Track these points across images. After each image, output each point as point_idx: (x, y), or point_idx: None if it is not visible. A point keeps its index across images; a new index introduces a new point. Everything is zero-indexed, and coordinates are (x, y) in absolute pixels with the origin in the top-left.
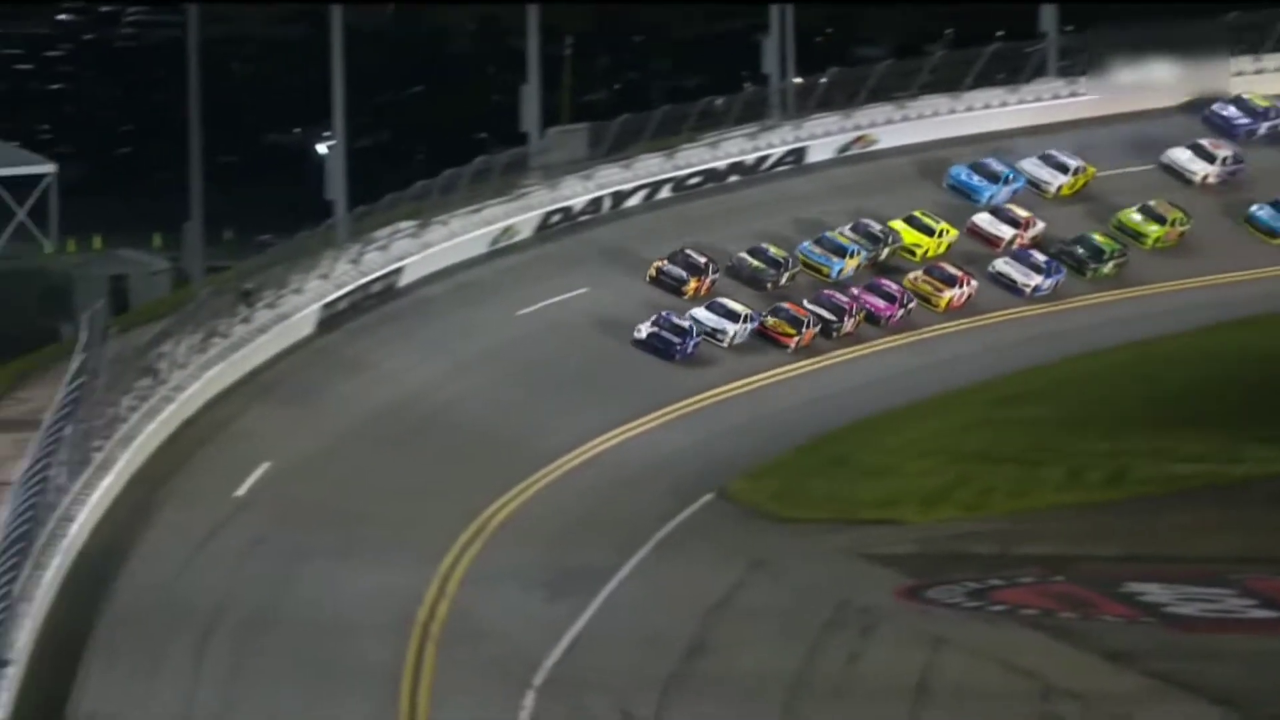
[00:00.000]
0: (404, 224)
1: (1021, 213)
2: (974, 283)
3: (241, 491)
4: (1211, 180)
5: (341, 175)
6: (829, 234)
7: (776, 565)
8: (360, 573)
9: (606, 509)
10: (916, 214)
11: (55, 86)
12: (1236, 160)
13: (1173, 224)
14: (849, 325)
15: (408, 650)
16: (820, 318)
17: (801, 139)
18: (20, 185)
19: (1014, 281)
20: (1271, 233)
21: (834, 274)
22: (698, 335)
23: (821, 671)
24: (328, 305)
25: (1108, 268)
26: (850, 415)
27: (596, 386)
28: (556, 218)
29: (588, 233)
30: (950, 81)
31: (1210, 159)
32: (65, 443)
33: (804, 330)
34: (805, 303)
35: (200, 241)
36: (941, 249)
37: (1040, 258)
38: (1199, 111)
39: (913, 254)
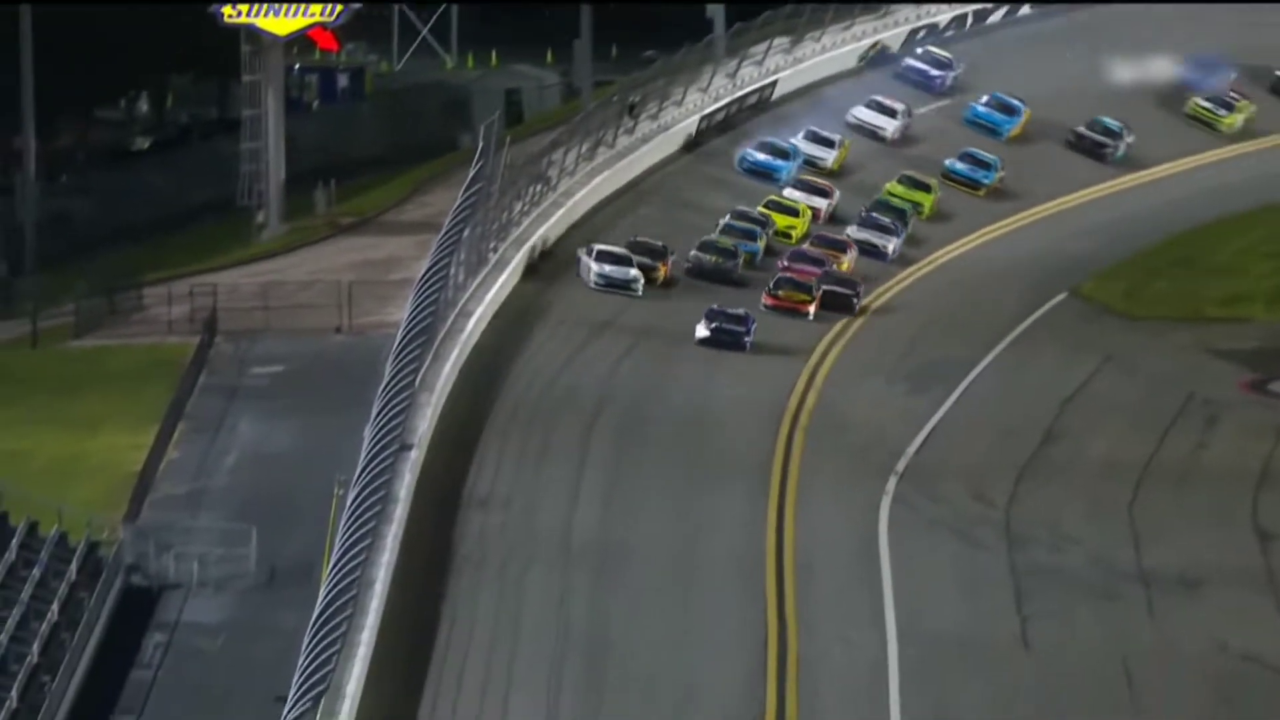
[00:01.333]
0: (778, 39)
1: (822, 183)
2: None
3: None
4: (896, 136)
5: None
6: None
7: (1126, 360)
8: (731, 371)
9: (965, 308)
10: (774, 198)
11: None
12: (908, 114)
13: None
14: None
15: (777, 439)
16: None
17: None
18: (423, 4)
19: (875, 246)
20: (973, 184)
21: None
22: (753, 322)
23: (1168, 458)
24: (705, 117)
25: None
26: (1194, 221)
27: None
28: (922, 34)
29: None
30: None
31: (892, 114)
32: (463, 244)
33: (815, 294)
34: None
35: (589, 57)
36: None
37: (885, 220)
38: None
39: (788, 236)
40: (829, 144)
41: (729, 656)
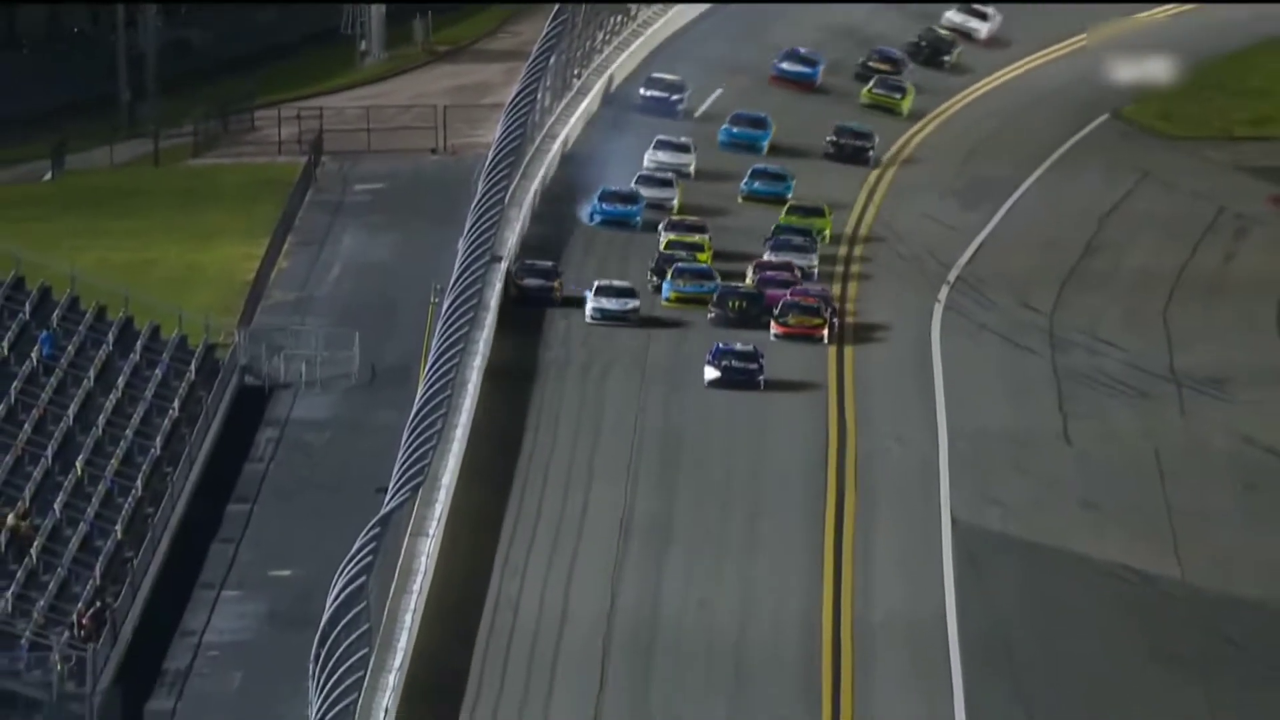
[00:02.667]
0: None
1: (692, 219)
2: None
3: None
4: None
5: None
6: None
7: (1162, 177)
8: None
9: (1012, 129)
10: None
11: None
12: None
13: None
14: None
15: (837, 252)
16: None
17: None
18: None
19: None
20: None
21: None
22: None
23: (1199, 268)
24: None
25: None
26: (1230, 46)
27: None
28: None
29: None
30: None
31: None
32: (549, 71)
33: (825, 315)
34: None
35: None
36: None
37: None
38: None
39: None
40: (668, 184)
41: (793, 452)
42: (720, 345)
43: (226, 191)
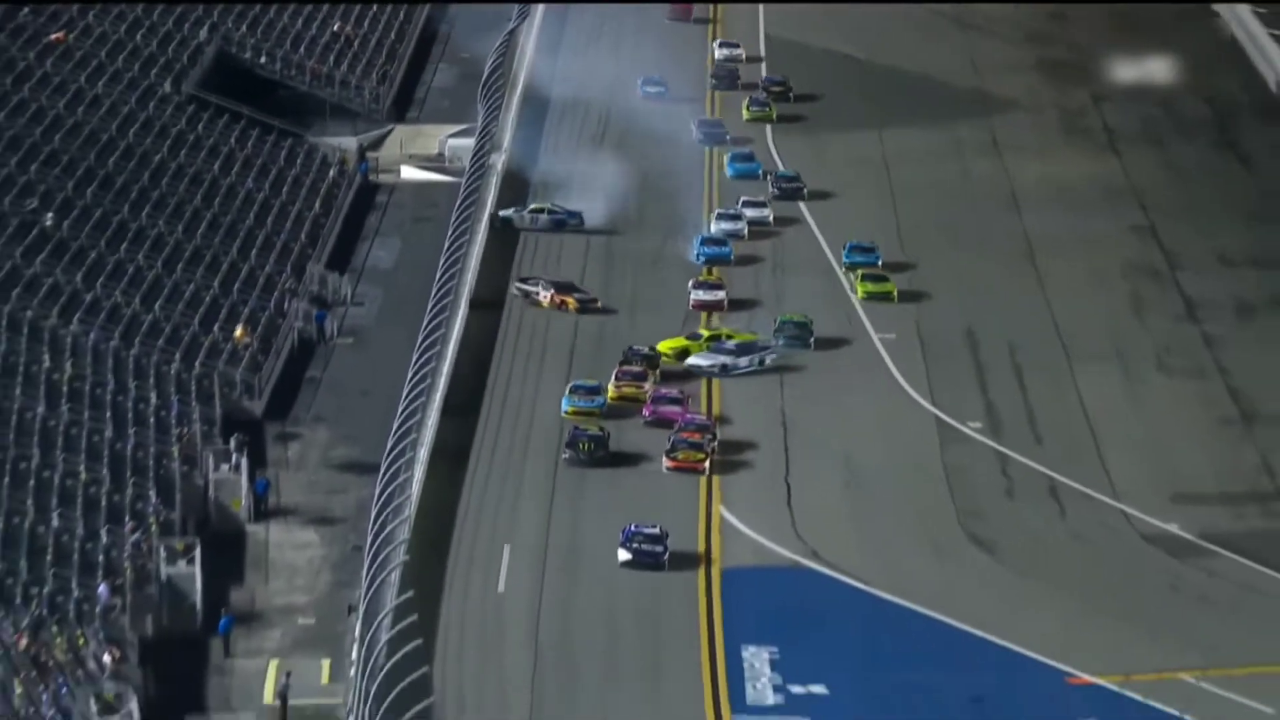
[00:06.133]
0: None
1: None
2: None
3: None
4: None
5: None
6: None
7: None
8: None
9: None
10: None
11: None
12: None
13: None
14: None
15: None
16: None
17: None
18: None
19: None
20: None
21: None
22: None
23: None
24: None
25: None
26: None
27: None
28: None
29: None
30: None
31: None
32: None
33: (708, 451)
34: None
35: None
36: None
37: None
38: None
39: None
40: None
41: None
42: (631, 527)
43: None
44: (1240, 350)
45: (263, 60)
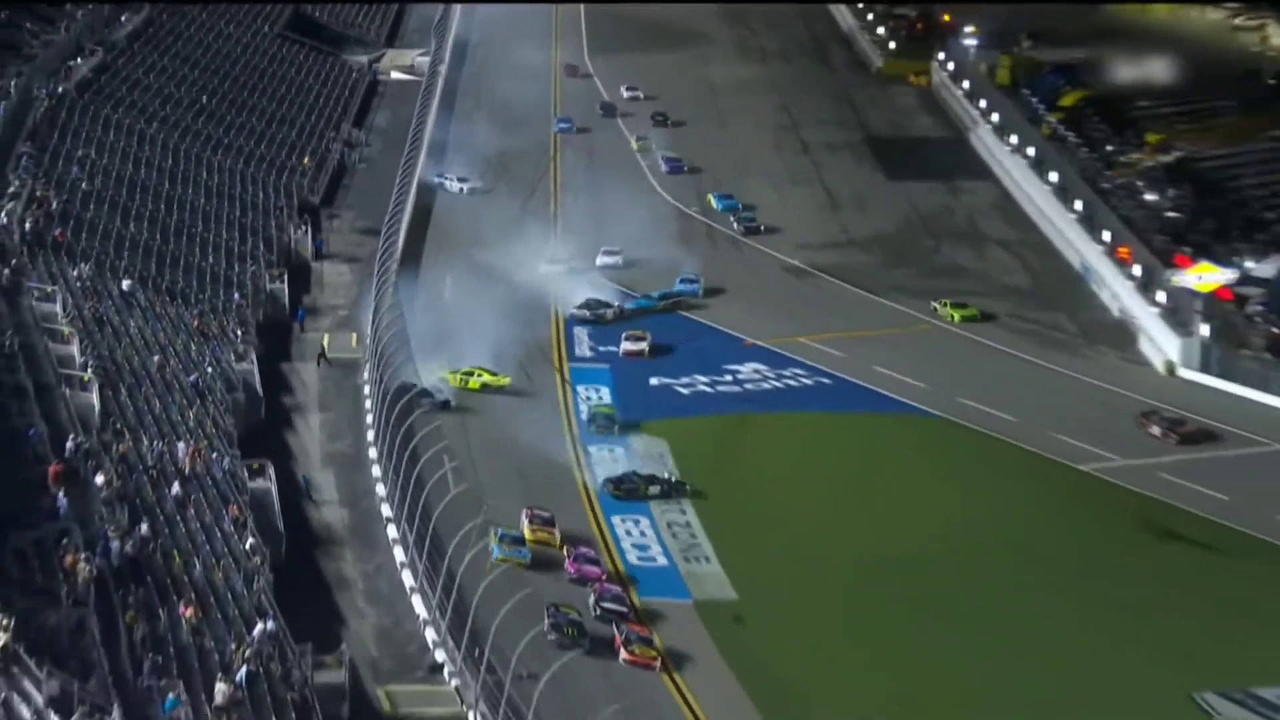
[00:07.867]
0: None
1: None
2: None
3: None
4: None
5: None
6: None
7: None
8: None
9: None
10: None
11: None
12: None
13: None
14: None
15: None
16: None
17: None
18: None
19: None
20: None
21: None
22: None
23: None
24: None
25: None
26: None
27: None
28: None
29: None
30: None
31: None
32: None
33: (658, 647)
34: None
35: None
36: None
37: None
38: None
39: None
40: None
41: None
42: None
43: None
44: (829, 171)
45: (316, 14)
